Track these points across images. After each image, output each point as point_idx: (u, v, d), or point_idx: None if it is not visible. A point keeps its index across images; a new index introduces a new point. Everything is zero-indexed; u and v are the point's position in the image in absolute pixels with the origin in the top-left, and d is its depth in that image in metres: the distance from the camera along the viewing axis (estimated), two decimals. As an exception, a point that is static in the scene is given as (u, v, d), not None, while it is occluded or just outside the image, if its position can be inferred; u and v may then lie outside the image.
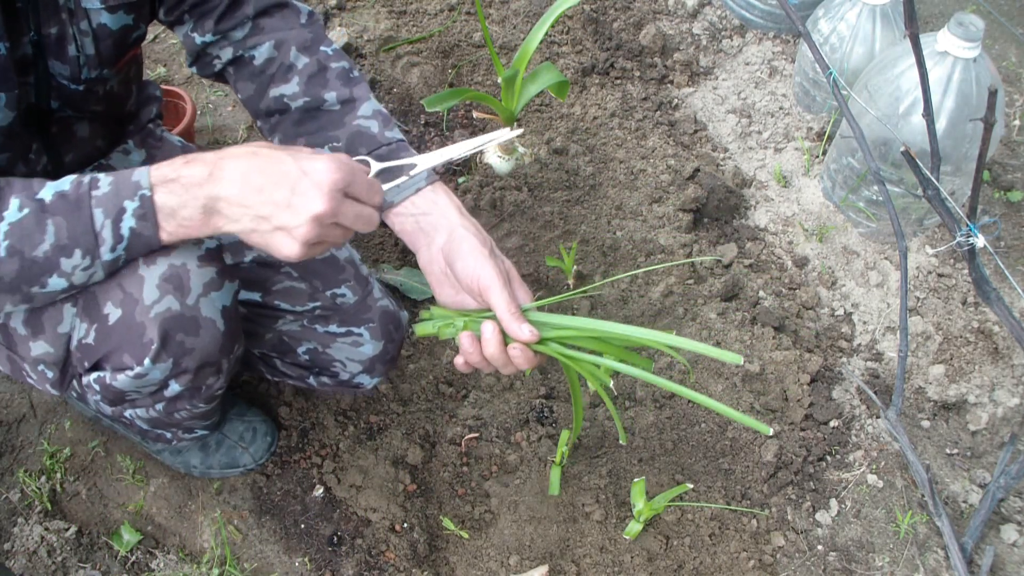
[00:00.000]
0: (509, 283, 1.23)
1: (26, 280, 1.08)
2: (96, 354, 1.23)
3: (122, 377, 1.23)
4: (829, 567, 1.73)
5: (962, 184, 2.04)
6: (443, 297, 1.28)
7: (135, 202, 1.06)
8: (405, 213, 1.29)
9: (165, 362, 1.21)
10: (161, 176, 1.07)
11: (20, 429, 1.79)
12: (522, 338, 1.19)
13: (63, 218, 1.05)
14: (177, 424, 1.52)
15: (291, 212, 1.05)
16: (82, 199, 1.06)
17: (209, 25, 1.38)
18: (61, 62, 1.27)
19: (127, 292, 1.16)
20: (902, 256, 1.77)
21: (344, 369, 1.56)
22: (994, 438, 1.95)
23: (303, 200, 1.05)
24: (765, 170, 2.38)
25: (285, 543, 1.70)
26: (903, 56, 1.98)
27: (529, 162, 2.25)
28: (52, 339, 1.25)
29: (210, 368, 1.28)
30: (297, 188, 1.06)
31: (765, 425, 1.19)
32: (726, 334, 2.02)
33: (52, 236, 1.05)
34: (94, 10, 1.26)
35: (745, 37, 2.66)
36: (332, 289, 1.51)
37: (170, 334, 1.18)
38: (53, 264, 1.06)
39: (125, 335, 1.18)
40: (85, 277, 1.10)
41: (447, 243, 1.25)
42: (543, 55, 2.51)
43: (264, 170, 1.07)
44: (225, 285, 1.24)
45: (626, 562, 1.68)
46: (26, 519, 1.67)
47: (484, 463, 1.82)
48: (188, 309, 1.19)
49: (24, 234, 1.04)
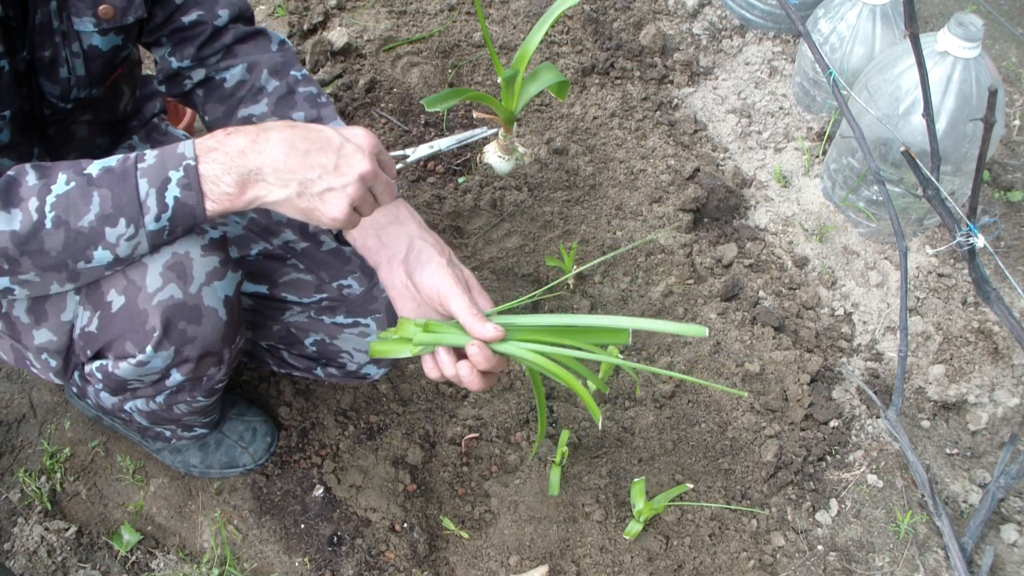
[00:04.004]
0: (468, 290, 1.23)
1: (72, 254, 1.09)
2: (98, 342, 1.24)
3: (124, 365, 1.23)
4: (829, 567, 1.73)
5: (962, 184, 2.04)
6: (405, 311, 1.29)
7: (179, 172, 1.09)
8: (366, 227, 1.32)
9: (167, 350, 1.22)
10: (204, 147, 1.11)
11: (20, 429, 1.79)
12: (487, 336, 1.17)
13: (108, 189, 1.08)
14: (176, 420, 1.53)
15: (338, 173, 1.11)
16: (128, 171, 1.09)
17: (189, 52, 1.41)
18: (52, 82, 1.30)
19: (130, 280, 1.17)
20: (902, 256, 1.77)
21: (351, 360, 1.57)
22: (994, 438, 1.95)
23: (349, 161, 1.12)
24: (765, 170, 2.38)
25: (285, 543, 1.70)
26: (903, 56, 1.98)
27: (529, 162, 2.25)
28: (55, 327, 1.25)
29: (212, 358, 1.29)
30: (342, 151, 1.12)
31: (740, 391, 1.17)
32: (726, 334, 2.02)
33: (97, 206, 1.07)
34: (86, 33, 1.28)
35: (745, 37, 2.66)
36: (339, 280, 1.52)
37: (172, 322, 1.19)
38: (98, 234, 1.08)
39: (128, 323, 1.19)
40: (130, 248, 1.11)
41: (407, 255, 1.27)
42: (543, 55, 2.51)
43: (307, 137, 1.12)
44: (228, 275, 1.24)
45: (626, 562, 1.68)
46: (26, 519, 1.67)
47: (484, 463, 1.82)
48: (191, 298, 1.20)
49: (70, 205, 1.06)
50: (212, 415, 1.61)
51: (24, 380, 1.85)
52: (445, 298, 1.21)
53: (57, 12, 1.23)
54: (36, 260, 1.08)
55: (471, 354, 1.18)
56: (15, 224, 1.05)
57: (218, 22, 1.40)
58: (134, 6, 1.30)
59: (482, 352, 1.17)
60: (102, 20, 1.28)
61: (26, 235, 1.06)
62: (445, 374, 1.22)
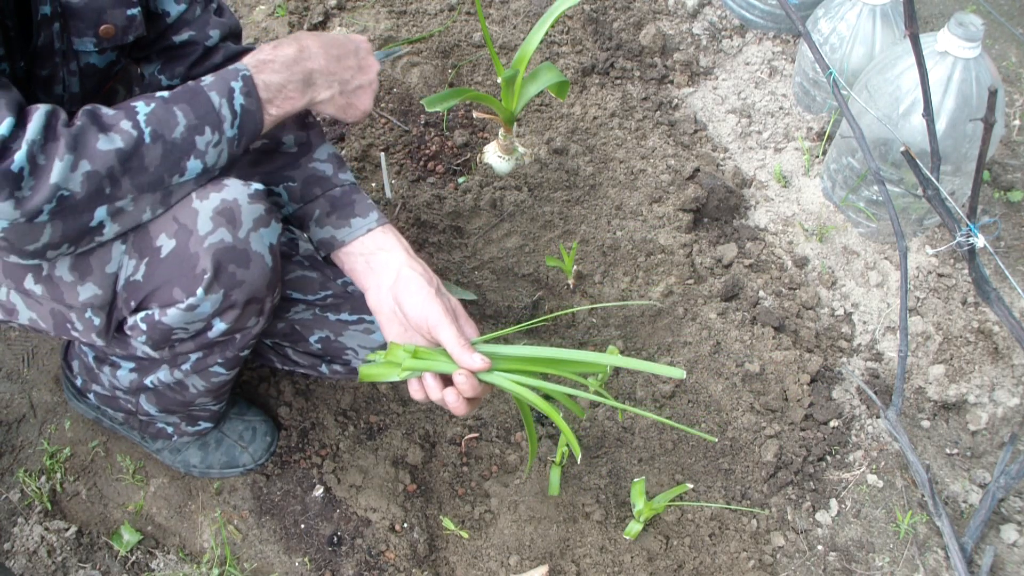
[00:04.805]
0: (456, 320, 1.28)
1: (168, 167, 1.15)
2: (143, 291, 1.24)
3: (172, 311, 1.24)
4: (829, 567, 1.73)
5: (962, 184, 2.04)
6: (392, 335, 1.33)
7: (239, 82, 1.21)
8: (355, 252, 1.37)
9: (216, 293, 1.23)
10: (257, 61, 1.25)
11: (20, 429, 1.79)
12: (474, 367, 1.23)
13: (187, 104, 1.17)
14: (187, 404, 1.53)
15: (363, 73, 1.38)
16: (196, 88, 1.19)
17: (179, 71, 1.43)
18: (46, 96, 1.30)
19: (181, 224, 1.20)
20: (902, 256, 1.77)
21: (356, 357, 1.57)
22: (994, 438, 1.95)
23: (368, 61, 1.39)
24: (765, 170, 2.38)
25: (285, 543, 1.70)
26: (903, 56, 1.98)
27: (529, 162, 2.25)
28: (100, 280, 1.25)
29: (255, 305, 1.31)
30: (359, 53, 1.38)
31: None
32: (726, 334, 2.02)
33: (183, 118, 1.16)
34: (85, 52, 1.29)
35: (745, 37, 2.66)
36: (343, 277, 1.52)
37: (223, 265, 1.21)
38: (190, 144, 1.16)
39: (177, 267, 1.21)
40: (215, 156, 1.20)
41: (395, 283, 1.32)
42: (543, 55, 2.51)
43: (334, 43, 1.34)
44: (272, 223, 1.27)
45: (626, 562, 1.68)
46: (26, 519, 1.67)
47: (484, 463, 1.82)
48: (240, 242, 1.22)
49: (160, 119, 1.14)
50: (221, 401, 1.62)
51: (24, 380, 1.85)
52: (434, 328, 1.26)
53: (59, 34, 1.24)
54: (136, 179, 1.12)
55: (458, 383, 1.24)
56: (117, 142, 1.10)
57: (209, 42, 1.41)
58: (134, 25, 1.31)
59: (469, 381, 1.23)
60: (103, 40, 1.29)
61: (130, 151, 1.10)
62: (431, 397, 1.27)
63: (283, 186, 1.43)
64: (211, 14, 1.42)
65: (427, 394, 1.28)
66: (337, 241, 1.38)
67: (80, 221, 1.11)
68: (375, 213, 1.39)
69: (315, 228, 1.41)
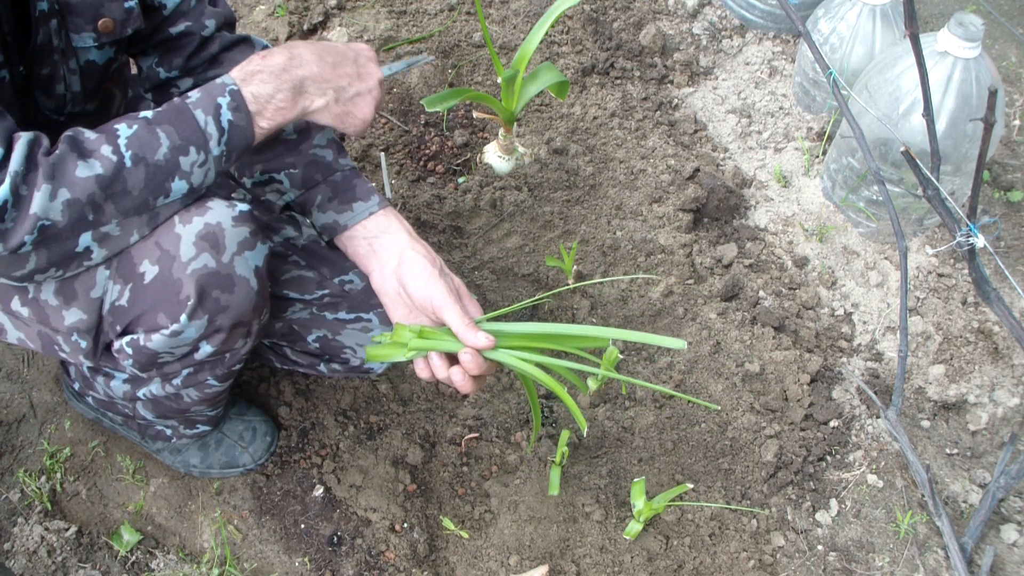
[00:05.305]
0: (460, 299, 1.30)
1: (152, 189, 1.13)
2: (128, 316, 1.24)
3: (157, 336, 1.24)
4: (829, 567, 1.73)
5: (962, 184, 2.04)
6: (397, 316, 1.36)
7: (226, 97, 1.18)
8: (358, 236, 1.38)
9: (200, 319, 1.23)
10: (245, 73, 1.21)
11: (20, 429, 1.79)
12: (479, 344, 1.25)
13: (170, 124, 1.14)
14: (183, 411, 1.53)
15: (361, 80, 1.30)
16: (181, 107, 1.16)
17: (177, 63, 1.43)
18: (47, 97, 1.30)
19: (164, 249, 1.19)
20: (902, 256, 1.77)
21: (355, 355, 1.57)
22: (994, 438, 1.95)
23: (367, 69, 1.31)
24: (765, 170, 2.38)
25: (285, 543, 1.70)
26: (903, 56, 1.98)
27: (529, 162, 2.25)
28: (85, 305, 1.25)
29: (242, 328, 1.30)
30: (358, 60, 1.31)
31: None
32: (726, 334, 2.02)
33: (166, 140, 1.13)
34: (84, 48, 1.29)
35: (745, 37, 2.66)
36: (340, 276, 1.52)
37: (206, 291, 1.21)
38: (174, 165, 1.14)
39: (161, 293, 1.20)
40: (202, 176, 1.18)
41: (399, 265, 1.33)
42: (543, 55, 2.51)
43: (329, 50, 1.28)
44: (258, 245, 1.27)
45: (626, 562, 1.68)
46: (26, 519, 1.67)
47: (484, 463, 1.82)
48: (224, 267, 1.21)
49: (142, 142, 1.12)
50: (218, 408, 1.62)
51: (24, 380, 1.85)
52: (438, 308, 1.27)
53: (57, 30, 1.24)
54: (120, 203, 1.11)
55: (463, 361, 1.25)
56: (97, 169, 1.08)
57: (205, 32, 1.41)
58: (132, 18, 1.31)
59: (474, 359, 1.25)
60: (102, 35, 1.29)
61: (111, 176, 1.09)
62: (437, 376, 1.29)
63: (284, 173, 1.43)
64: (206, 4, 1.42)
65: (433, 373, 1.29)
66: (340, 226, 1.39)
67: (64, 248, 1.10)
68: (376, 197, 1.40)
69: (318, 213, 1.42)
